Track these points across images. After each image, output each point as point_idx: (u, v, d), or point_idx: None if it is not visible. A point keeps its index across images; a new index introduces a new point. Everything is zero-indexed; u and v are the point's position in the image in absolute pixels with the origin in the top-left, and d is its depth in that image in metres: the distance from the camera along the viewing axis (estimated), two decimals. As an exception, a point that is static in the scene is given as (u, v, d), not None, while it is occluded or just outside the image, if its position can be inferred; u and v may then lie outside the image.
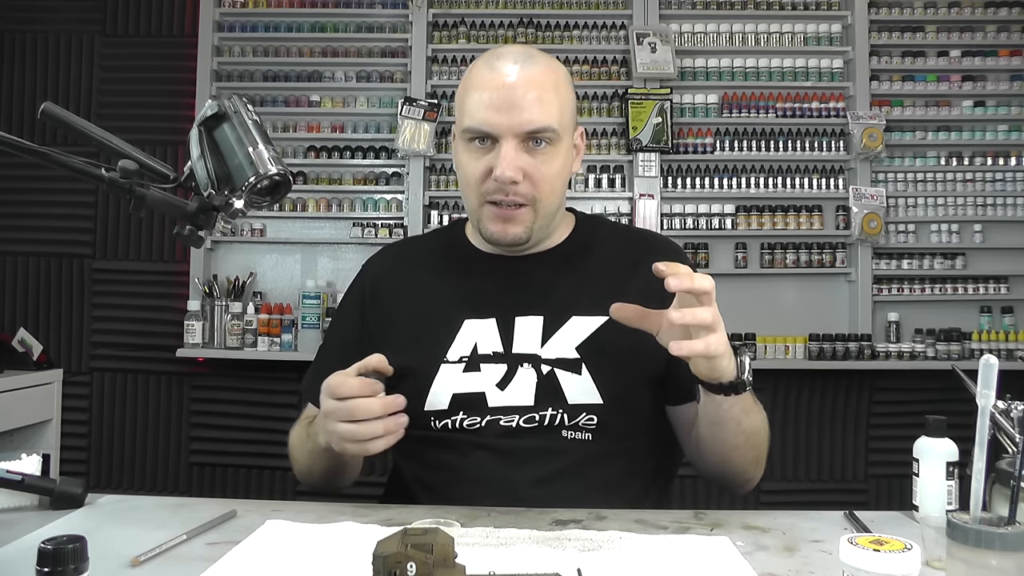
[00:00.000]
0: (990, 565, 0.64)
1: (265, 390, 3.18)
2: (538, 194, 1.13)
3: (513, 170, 1.09)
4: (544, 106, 1.11)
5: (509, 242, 1.16)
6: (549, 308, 1.16)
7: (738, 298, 3.18)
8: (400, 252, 1.37)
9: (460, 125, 1.15)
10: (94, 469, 3.23)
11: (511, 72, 1.11)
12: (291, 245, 3.31)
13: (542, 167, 1.12)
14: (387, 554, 0.63)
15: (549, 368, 1.13)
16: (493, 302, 1.18)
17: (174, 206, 0.92)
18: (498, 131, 1.10)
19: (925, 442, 0.97)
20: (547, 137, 1.12)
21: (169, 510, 1.00)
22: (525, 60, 1.13)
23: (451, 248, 1.28)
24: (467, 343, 1.16)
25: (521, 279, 1.20)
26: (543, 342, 1.14)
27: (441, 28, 3.30)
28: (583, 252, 1.23)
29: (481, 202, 1.15)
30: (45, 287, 3.28)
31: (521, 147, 1.11)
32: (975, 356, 3.04)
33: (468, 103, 1.13)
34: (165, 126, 3.19)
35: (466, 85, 1.16)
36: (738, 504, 3.16)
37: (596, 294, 1.14)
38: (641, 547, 0.86)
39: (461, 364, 1.15)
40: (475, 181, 1.14)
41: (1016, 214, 3.23)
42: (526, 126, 1.10)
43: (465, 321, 1.17)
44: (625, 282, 1.17)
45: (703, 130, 3.26)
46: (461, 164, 1.17)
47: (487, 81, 1.12)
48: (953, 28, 3.28)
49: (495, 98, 1.10)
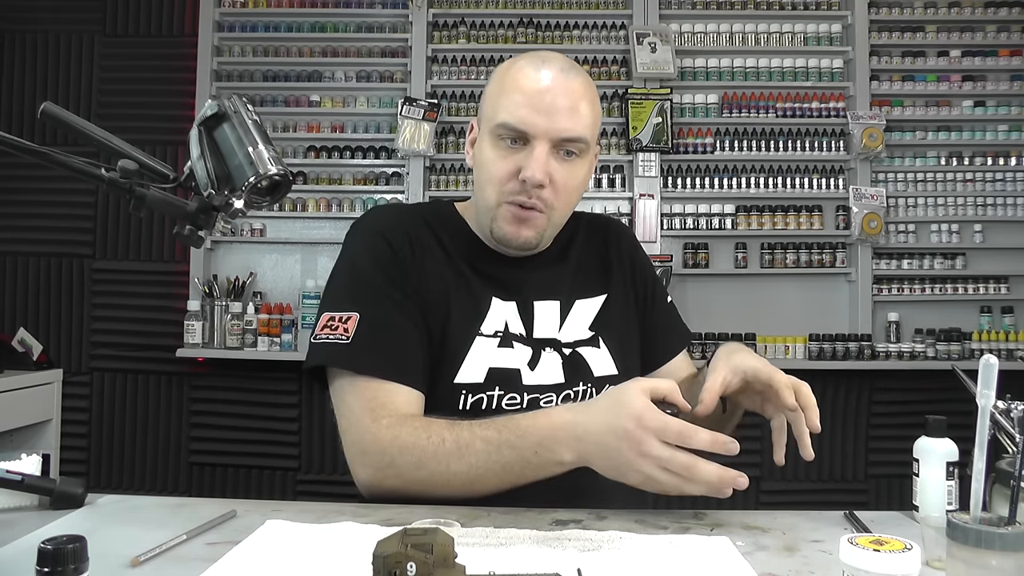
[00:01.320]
0: (990, 565, 0.64)
1: (265, 390, 3.19)
2: (557, 203, 1.14)
3: (543, 174, 1.10)
4: (580, 117, 1.12)
5: (519, 244, 1.16)
6: (560, 294, 1.22)
7: (738, 298, 3.19)
8: (406, 216, 1.24)
9: (493, 120, 1.13)
10: (94, 469, 3.23)
11: (555, 78, 1.12)
12: (291, 245, 3.31)
13: (568, 177, 1.13)
14: (387, 554, 0.63)
15: (570, 350, 1.19)
16: (512, 287, 1.19)
17: (174, 206, 0.92)
18: (535, 132, 1.10)
19: (925, 442, 0.97)
20: (577, 148, 1.13)
21: (169, 510, 1.00)
22: (568, 70, 1.14)
23: (458, 231, 1.24)
24: (498, 320, 1.16)
25: (532, 268, 1.22)
26: (560, 327, 1.20)
27: (441, 28, 3.30)
28: (573, 240, 1.29)
29: (500, 201, 1.14)
30: (45, 287, 3.28)
31: (552, 153, 1.12)
32: (975, 356, 3.04)
33: (506, 100, 1.12)
34: (165, 126, 3.19)
35: (504, 83, 1.14)
36: (738, 504, 3.16)
37: (590, 277, 1.26)
38: (641, 547, 0.86)
39: (496, 338, 1.15)
40: (499, 179, 1.13)
41: (1016, 214, 3.23)
42: (562, 133, 1.11)
43: (494, 299, 1.18)
44: (607, 264, 1.29)
45: (703, 130, 3.26)
46: (486, 160, 1.15)
47: (529, 82, 1.12)
48: (953, 28, 3.29)
49: (535, 100, 1.10)
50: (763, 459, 3.19)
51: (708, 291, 3.22)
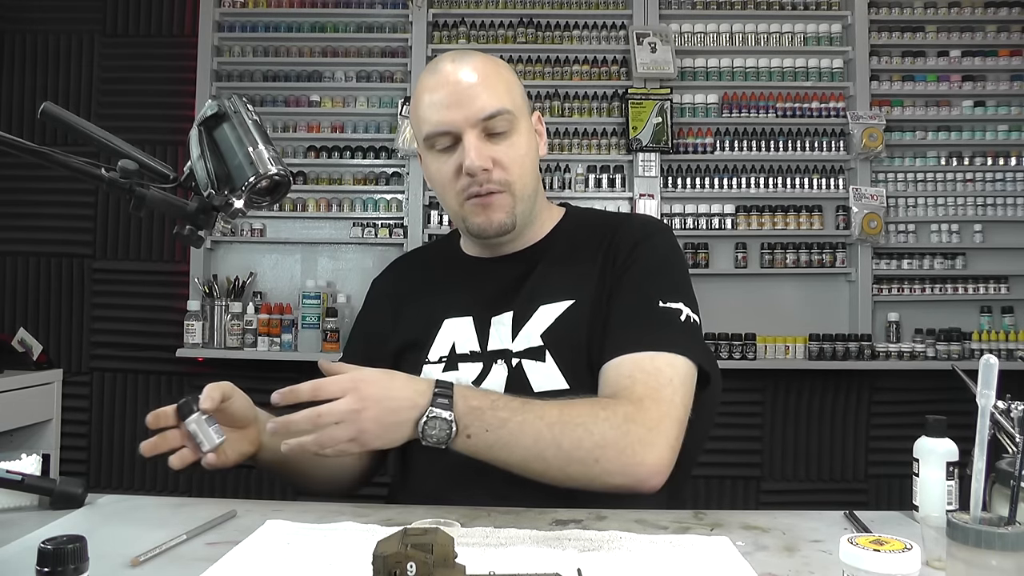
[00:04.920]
0: (990, 565, 0.64)
1: (265, 390, 3.14)
2: (511, 178, 1.15)
3: (481, 159, 1.11)
4: (492, 91, 1.13)
5: (495, 230, 1.17)
6: (518, 302, 1.17)
7: (738, 298, 3.19)
8: (399, 265, 1.41)
9: (421, 135, 1.17)
10: (94, 469, 3.23)
11: (452, 70, 1.14)
12: (291, 245, 3.31)
13: (508, 151, 1.14)
14: (387, 554, 0.63)
15: (518, 360, 1.14)
16: (470, 301, 1.20)
17: (174, 206, 0.92)
18: (457, 126, 1.12)
19: (925, 442, 0.97)
20: (505, 120, 1.14)
21: (169, 510, 1.00)
22: (461, 57, 1.17)
23: (442, 254, 1.33)
24: (446, 342, 1.18)
25: (497, 278, 1.22)
26: (514, 336, 1.15)
27: (441, 28, 3.30)
28: (560, 242, 1.24)
29: (460, 201, 1.16)
30: (45, 287, 3.28)
31: (483, 137, 1.13)
32: (975, 356, 3.04)
33: (422, 112, 1.15)
34: (165, 126, 3.19)
35: (416, 99, 1.18)
36: (738, 504, 3.17)
37: (562, 280, 1.17)
38: (641, 547, 0.86)
39: (441, 364, 1.17)
40: (449, 182, 1.15)
41: (1016, 214, 3.23)
42: (480, 113, 1.12)
43: (445, 321, 1.19)
44: (589, 264, 1.17)
45: (703, 130, 3.26)
46: (432, 173, 1.19)
47: (433, 84, 1.15)
48: (953, 28, 3.28)
49: (444, 97, 1.13)
50: (763, 459, 3.19)
51: (708, 291, 3.21)
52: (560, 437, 0.97)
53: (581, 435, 0.97)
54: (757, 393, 3.16)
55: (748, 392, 3.15)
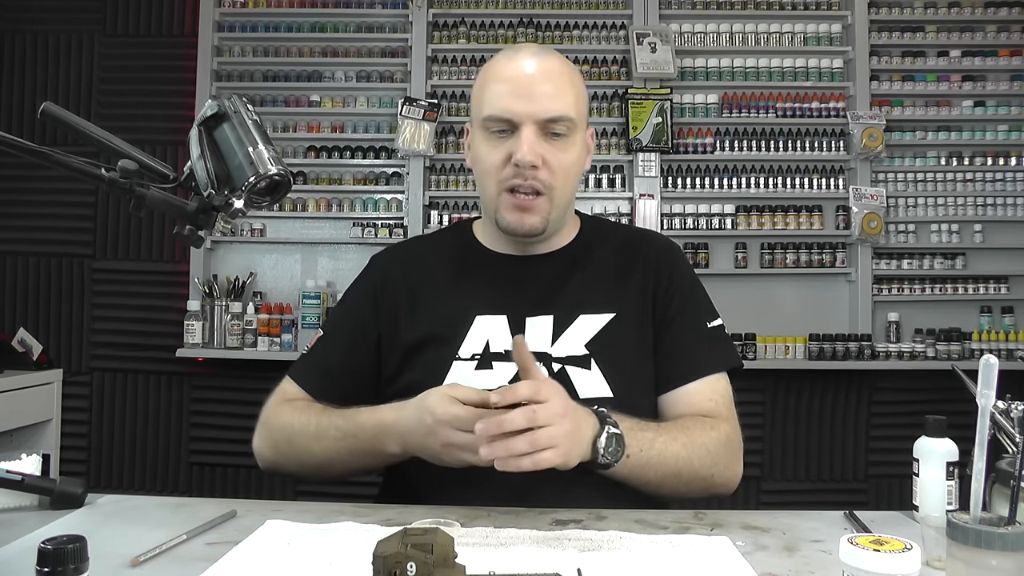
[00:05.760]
0: (990, 565, 0.64)
1: (265, 390, 3.16)
2: (555, 182, 1.16)
3: (533, 154, 1.12)
4: (561, 96, 1.15)
5: (526, 232, 1.17)
6: (559, 308, 1.19)
7: (738, 298, 3.18)
8: (410, 249, 1.40)
9: (479, 115, 1.18)
10: (94, 469, 3.23)
11: (530, 64, 1.16)
12: (291, 245, 3.31)
13: (560, 155, 1.15)
14: (387, 554, 0.63)
15: (560, 366, 1.15)
16: (504, 300, 1.19)
17: (174, 206, 0.92)
18: (518, 118, 1.13)
19: (925, 442, 0.97)
20: (564, 126, 1.15)
21: (169, 510, 1.00)
22: (542, 54, 1.18)
23: (461, 246, 1.29)
24: (479, 340, 1.17)
25: (531, 278, 1.22)
26: (553, 341, 1.16)
27: (441, 28, 3.30)
28: (588, 252, 1.26)
29: (500, 190, 1.16)
30: (45, 287, 3.28)
31: (540, 135, 1.14)
32: (975, 356, 3.04)
33: (488, 94, 1.16)
34: (165, 126, 3.19)
35: (485, 78, 1.19)
36: (738, 504, 3.16)
37: (601, 292, 1.20)
38: (641, 547, 0.86)
39: (473, 361, 1.16)
40: (494, 169, 1.16)
41: (1016, 214, 3.23)
42: (544, 113, 1.13)
43: (477, 317, 1.18)
44: (625, 281, 1.22)
45: (703, 130, 3.26)
46: (480, 154, 1.18)
47: (507, 72, 1.16)
48: (953, 28, 3.28)
49: (515, 87, 1.14)
50: (763, 459, 3.19)
51: (708, 291, 3.21)
52: (691, 456, 1.08)
53: (703, 454, 1.09)
54: (757, 393, 3.16)
55: (748, 392, 3.15)
